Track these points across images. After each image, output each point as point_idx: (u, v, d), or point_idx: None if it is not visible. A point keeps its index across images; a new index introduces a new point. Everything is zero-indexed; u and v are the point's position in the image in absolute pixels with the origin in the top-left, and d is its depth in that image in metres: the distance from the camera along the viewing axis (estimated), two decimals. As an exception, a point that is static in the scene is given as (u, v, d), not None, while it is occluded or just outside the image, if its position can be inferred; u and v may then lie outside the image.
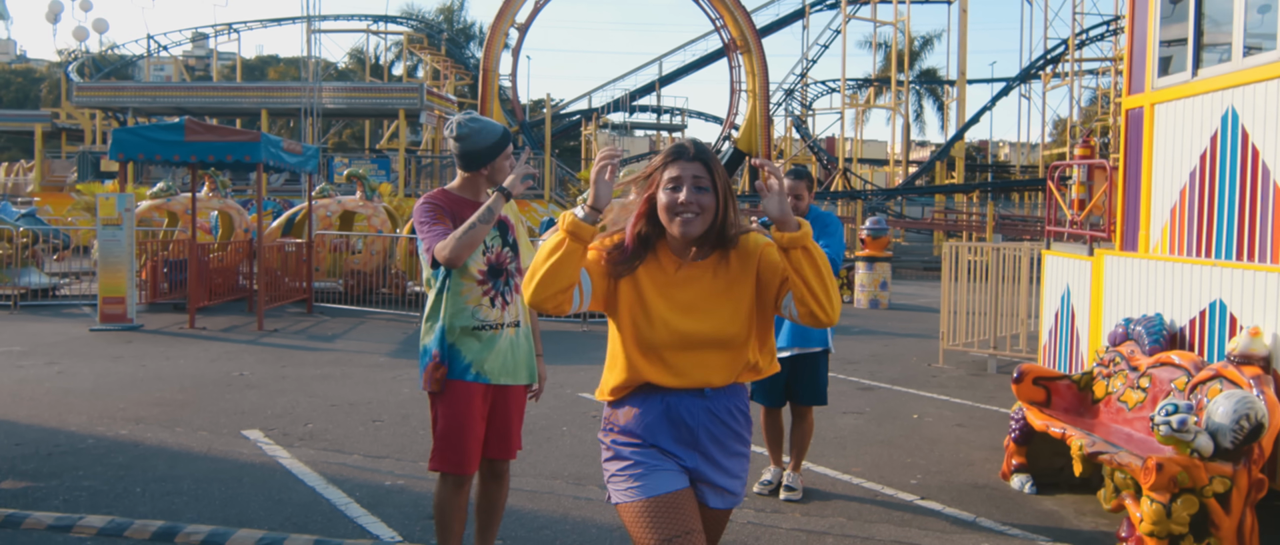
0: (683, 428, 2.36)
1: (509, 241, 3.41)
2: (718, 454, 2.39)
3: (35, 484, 4.87)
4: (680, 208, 2.27)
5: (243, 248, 14.21)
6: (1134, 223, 5.59)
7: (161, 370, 8.28)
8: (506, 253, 3.39)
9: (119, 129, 11.52)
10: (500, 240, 3.37)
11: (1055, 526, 4.58)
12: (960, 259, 9.50)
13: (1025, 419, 5.21)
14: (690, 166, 2.29)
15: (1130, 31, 5.73)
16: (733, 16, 29.49)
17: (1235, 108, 4.69)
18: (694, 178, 2.28)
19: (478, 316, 3.30)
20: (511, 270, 3.40)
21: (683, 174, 2.28)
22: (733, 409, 2.42)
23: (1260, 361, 4.27)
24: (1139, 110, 5.56)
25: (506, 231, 3.41)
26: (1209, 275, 4.76)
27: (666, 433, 2.37)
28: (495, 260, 3.34)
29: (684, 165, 2.29)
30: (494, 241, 3.35)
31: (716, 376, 2.36)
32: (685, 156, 2.30)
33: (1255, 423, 3.95)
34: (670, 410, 2.36)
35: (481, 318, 3.30)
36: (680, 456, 2.37)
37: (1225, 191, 4.76)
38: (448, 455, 3.27)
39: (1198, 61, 5.10)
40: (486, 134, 3.31)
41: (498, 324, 3.32)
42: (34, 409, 6.62)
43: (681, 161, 2.30)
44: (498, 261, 3.35)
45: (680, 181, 2.28)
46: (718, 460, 2.40)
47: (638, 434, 2.38)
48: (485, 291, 3.32)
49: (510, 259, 3.40)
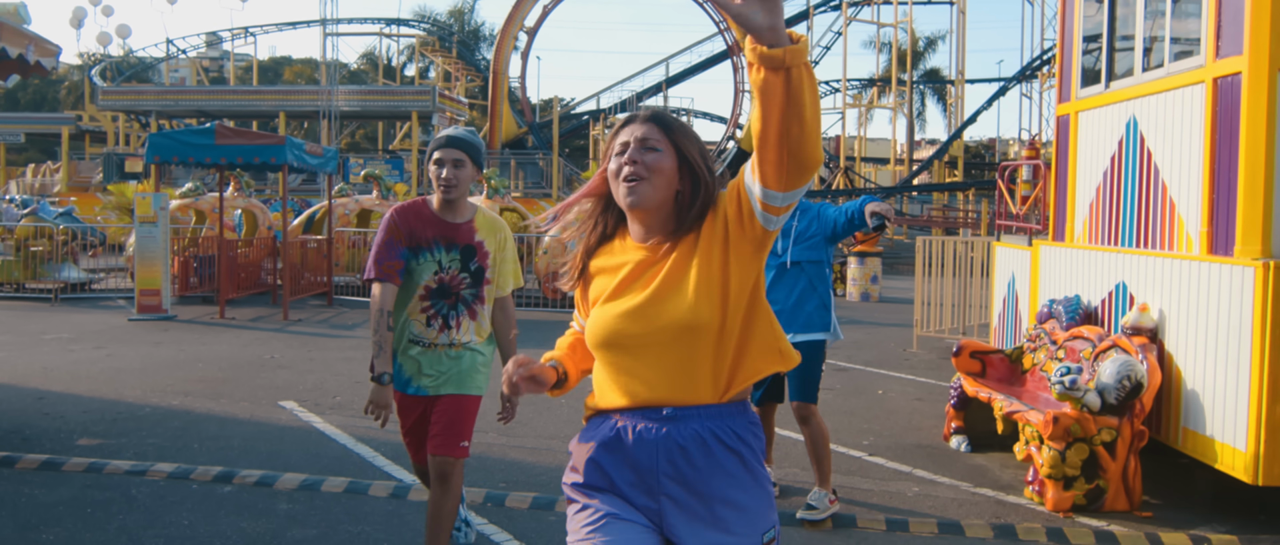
0: (638, 467, 1.85)
1: (471, 268, 3.34)
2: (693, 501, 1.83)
3: (107, 441, 5.69)
4: (625, 172, 1.87)
5: (267, 244, 15.06)
6: (1063, 216, 6.35)
7: (199, 354, 9.11)
8: (463, 278, 3.33)
9: (154, 134, 12.38)
10: (458, 264, 3.32)
11: (979, 476, 5.35)
12: (932, 252, 10.25)
13: (962, 387, 5.98)
14: (640, 127, 1.91)
15: (1060, 46, 6.48)
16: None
17: (1136, 117, 5.44)
18: (640, 139, 1.88)
19: (411, 330, 3.32)
20: (467, 297, 3.35)
21: (630, 137, 1.90)
22: (709, 435, 1.83)
23: (1148, 332, 5.02)
24: (1066, 117, 6.31)
25: (472, 257, 3.34)
26: (1115, 261, 5.51)
27: (623, 468, 1.87)
28: (446, 282, 3.31)
29: (633, 128, 1.92)
30: (450, 264, 3.31)
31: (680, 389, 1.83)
32: (635, 120, 1.94)
33: (1135, 382, 4.72)
34: (621, 440, 1.87)
35: (416, 333, 3.31)
36: (636, 498, 1.87)
37: (1128, 189, 5.51)
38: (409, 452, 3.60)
39: (1112, 74, 5.85)
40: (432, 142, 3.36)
41: (431, 343, 3.31)
42: (92, 385, 7.45)
43: (631, 125, 1.93)
44: (449, 284, 3.32)
45: (628, 144, 1.90)
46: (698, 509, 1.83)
47: (587, 472, 1.91)
48: (424, 308, 3.31)
49: (465, 284, 3.33)
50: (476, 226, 3.35)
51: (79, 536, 4.10)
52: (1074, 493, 4.71)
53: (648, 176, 1.86)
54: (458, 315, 3.32)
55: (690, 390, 1.82)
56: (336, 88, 27.52)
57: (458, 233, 3.30)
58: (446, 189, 3.25)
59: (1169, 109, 5.10)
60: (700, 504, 1.81)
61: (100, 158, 29.98)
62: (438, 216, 3.30)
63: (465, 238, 3.31)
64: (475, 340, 3.36)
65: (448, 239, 3.29)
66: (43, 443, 5.60)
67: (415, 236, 3.26)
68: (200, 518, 4.36)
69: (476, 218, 3.37)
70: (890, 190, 29.54)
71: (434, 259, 3.28)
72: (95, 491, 4.71)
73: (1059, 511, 4.69)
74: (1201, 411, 4.63)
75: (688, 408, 1.81)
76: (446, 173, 3.23)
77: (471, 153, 3.28)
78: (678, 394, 1.82)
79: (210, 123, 11.54)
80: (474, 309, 3.35)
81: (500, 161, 27.58)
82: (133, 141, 33.71)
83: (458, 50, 41.61)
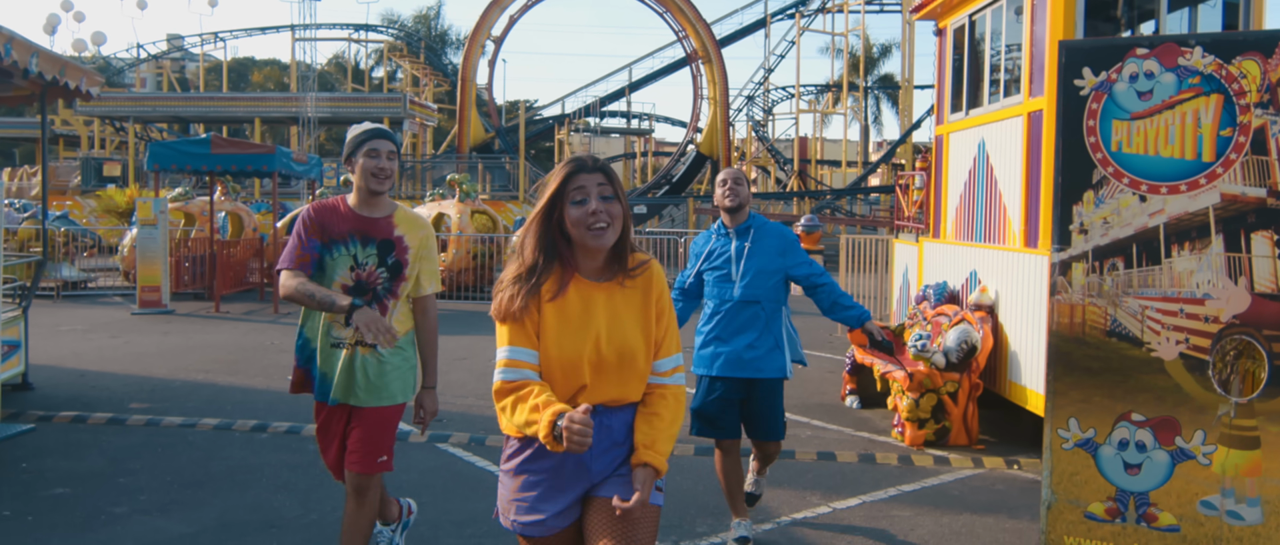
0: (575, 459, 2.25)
1: (388, 262, 3.26)
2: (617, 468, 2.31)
3: (154, 405, 6.90)
4: (592, 218, 2.19)
5: (252, 245, 16.18)
6: (939, 218, 7.77)
7: (206, 341, 10.29)
8: (380, 274, 3.25)
9: (155, 142, 13.52)
10: (375, 259, 3.24)
11: (861, 424, 6.73)
12: (852, 250, 11.69)
13: (855, 356, 7.37)
14: (592, 177, 2.21)
15: (938, 80, 7.90)
16: (695, 29, 31.67)
17: (985, 139, 6.86)
18: (598, 187, 2.21)
19: (331, 332, 3.24)
20: (381, 293, 3.26)
21: (587, 184, 2.20)
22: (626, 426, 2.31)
23: (987, 308, 6.44)
24: (941, 137, 7.73)
25: (390, 252, 3.26)
26: (969, 253, 6.93)
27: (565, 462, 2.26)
28: (363, 278, 3.24)
29: (586, 177, 2.21)
30: (367, 259, 3.22)
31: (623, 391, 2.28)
32: (585, 168, 2.23)
33: (971, 346, 6.13)
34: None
35: (335, 334, 3.23)
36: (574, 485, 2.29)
37: (980, 196, 6.93)
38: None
39: (974, 103, 7.27)
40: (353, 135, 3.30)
41: (350, 342, 3.22)
42: (122, 365, 8.63)
43: (583, 173, 2.21)
44: (366, 281, 3.24)
45: (586, 192, 2.19)
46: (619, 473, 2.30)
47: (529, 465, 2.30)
48: None
49: (382, 281, 3.25)
50: (396, 222, 3.29)
51: (157, 466, 5.34)
52: (926, 431, 6.11)
53: (611, 222, 2.22)
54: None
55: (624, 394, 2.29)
56: (312, 94, 28.51)
57: (375, 227, 3.24)
58: (380, 179, 3.22)
59: (1003, 134, 6.52)
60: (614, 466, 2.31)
61: (76, 162, 30.70)
62: (354, 212, 3.25)
63: (383, 232, 3.25)
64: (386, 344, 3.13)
65: (363, 233, 3.23)
66: (102, 406, 6.81)
67: (328, 231, 3.20)
68: (247, 454, 5.62)
69: (396, 214, 3.32)
70: (840, 192, 31.12)
71: (349, 254, 3.21)
72: (159, 438, 5.95)
73: (914, 446, 6.09)
74: (1019, 367, 6.05)
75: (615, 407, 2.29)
76: (383, 163, 3.21)
77: (399, 147, 3.55)
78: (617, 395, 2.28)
79: (206, 131, 12.63)
80: (385, 304, 3.27)
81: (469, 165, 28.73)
82: (108, 146, 34.42)
83: (425, 55, 42.65)
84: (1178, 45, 3.81)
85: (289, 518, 4.50)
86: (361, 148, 3.22)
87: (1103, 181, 3.88)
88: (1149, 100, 3.83)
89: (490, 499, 4.10)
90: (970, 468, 5.65)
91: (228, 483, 5.04)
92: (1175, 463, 3.73)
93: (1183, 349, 3.73)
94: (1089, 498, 3.84)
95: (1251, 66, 3.70)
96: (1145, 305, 3.80)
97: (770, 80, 39.45)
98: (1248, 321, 3.65)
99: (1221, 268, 3.70)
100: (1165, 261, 3.78)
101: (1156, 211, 3.80)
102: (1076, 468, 3.87)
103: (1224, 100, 3.72)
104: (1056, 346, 3.95)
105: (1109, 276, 3.86)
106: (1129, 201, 3.85)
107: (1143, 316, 3.80)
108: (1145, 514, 3.77)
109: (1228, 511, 3.65)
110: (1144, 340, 3.79)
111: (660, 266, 2.35)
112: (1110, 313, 3.85)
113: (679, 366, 2.38)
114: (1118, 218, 3.87)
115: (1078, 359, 3.89)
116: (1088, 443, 3.86)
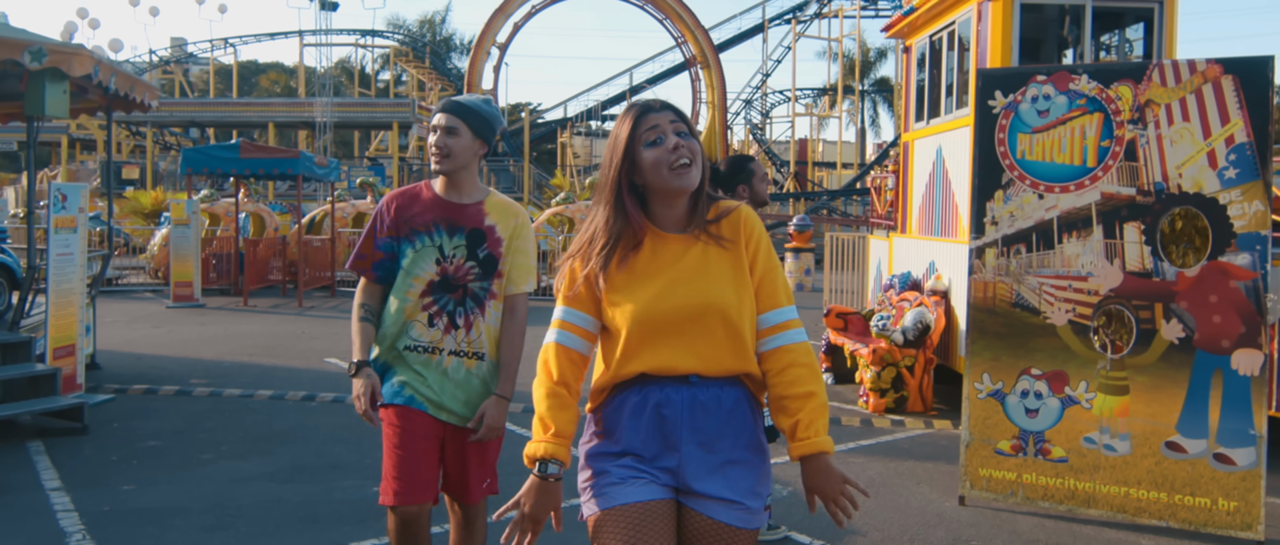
0: (661, 423, 1.99)
1: (479, 256, 2.83)
2: (706, 455, 2.00)
3: (212, 380, 7.85)
4: (673, 155, 1.98)
5: (274, 244, 17.13)
6: (906, 216, 8.71)
7: (242, 330, 11.24)
8: (470, 268, 2.82)
9: (188, 148, 14.53)
10: (464, 250, 2.83)
11: (833, 396, 7.67)
12: (837, 246, 12.63)
13: (829, 338, 8.31)
14: (663, 115, 2.02)
15: (904, 93, 8.84)
16: (693, 35, 32.64)
17: (941, 146, 7.80)
18: (672, 124, 2.01)
19: (410, 334, 2.80)
20: (477, 290, 2.83)
21: (660, 122, 2.01)
22: (725, 401, 2.01)
23: (941, 293, 7.37)
24: (908, 143, 8.67)
25: (480, 244, 2.84)
26: (929, 246, 7.86)
27: (642, 432, 2.00)
28: (450, 272, 2.82)
29: (656, 115, 2.02)
30: (454, 251, 2.82)
31: (704, 361, 1.99)
32: (653, 109, 2.04)
33: (925, 325, 7.07)
34: (646, 404, 2.00)
35: (415, 336, 2.80)
36: (659, 460, 2.01)
37: (938, 196, 7.87)
38: (384, 485, 2.79)
39: (933, 113, 8.20)
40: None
41: (434, 347, 2.79)
42: (173, 350, 9.58)
43: (652, 113, 2.02)
44: (453, 276, 2.82)
45: (661, 130, 2.00)
46: (707, 463, 2.00)
47: (610, 438, 2.04)
48: (425, 307, 2.81)
49: (474, 276, 2.82)
50: (487, 209, 2.87)
51: (227, 426, 6.28)
52: (886, 400, 7.05)
53: (694, 159, 1.99)
54: (467, 313, 2.82)
55: (711, 364, 1.98)
56: (327, 99, 29.50)
57: (462, 215, 2.84)
58: (438, 157, 2.79)
59: (955, 141, 7.46)
60: (712, 457, 1.99)
61: (95, 165, 31.67)
62: (438, 198, 2.85)
63: (472, 221, 2.84)
64: (488, 349, 2.84)
65: (450, 221, 2.83)
66: (167, 381, 7.76)
67: (408, 222, 2.82)
68: (302, 417, 6.56)
69: (487, 200, 2.89)
70: (835, 193, 32.06)
71: (434, 245, 2.80)
72: (223, 405, 6.90)
73: (876, 412, 7.02)
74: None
75: (707, 378, 1.98)
76: (436, 140, 2.79)
77: (470, 119, 2.80)
78: (701, 365, 1.97)
79: (217, 135, 13.55)
80: (485, 306, 2.84)
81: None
82: (124, 150, 35.41)
83: (431, 60, 43.66)
84: (1068, 73, 4.75)
85: (348, 462, 5.43)
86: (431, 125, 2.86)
87: (1010, 182, 4.82)
88: (1046, 117, 4.77)
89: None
90: (922, 429, 6.59)
91: (290, 438, 5.98)
92: (1064, 408, 4.66)
93: (1071, 316, 4.66)
94: (998, 437, 4.78)
95: (1125, 91, 4.63)
96: (1042, 282, 4.74)
97: (768, 84, 40.48)
98: (1120, 294, 4.58)
99: (1101, 252, 4.63)
100: (1057, 246, 4.71)
101: (1052, 207, 4.73)
102: (988, 413, 4.80)
103: (1104, 118, 4.66)
104: (973, 316, 4.89)
105: (1014, 259, 4.80)
106: (1030, 199, 4.78)
107: (1040, 291, 4.74)
108: (1041, 449, 4.70)
109: (1104, 445, 4.58)
110: (1041, 310, 4.72)
111: (751, 209, 2.12)
112: (1015, 288, 4.79)
113: (793, 321, 2.06)
114: (1021, 212, 4.80)
115: (989, 326, 4.83)
116: (997, 393, 4.79)
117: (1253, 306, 4.34)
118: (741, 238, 2.05)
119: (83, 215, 7.01)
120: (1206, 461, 4.39)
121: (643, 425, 2.00)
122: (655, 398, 1.99)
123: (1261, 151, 4.40)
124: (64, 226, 6.77)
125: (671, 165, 1.98)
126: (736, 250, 2.04)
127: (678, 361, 1.98)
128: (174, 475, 5.14)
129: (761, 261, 2.06)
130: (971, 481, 4.83)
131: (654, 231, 2.05)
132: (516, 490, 2.03)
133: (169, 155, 34.86)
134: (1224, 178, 4.43)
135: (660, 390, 1.99)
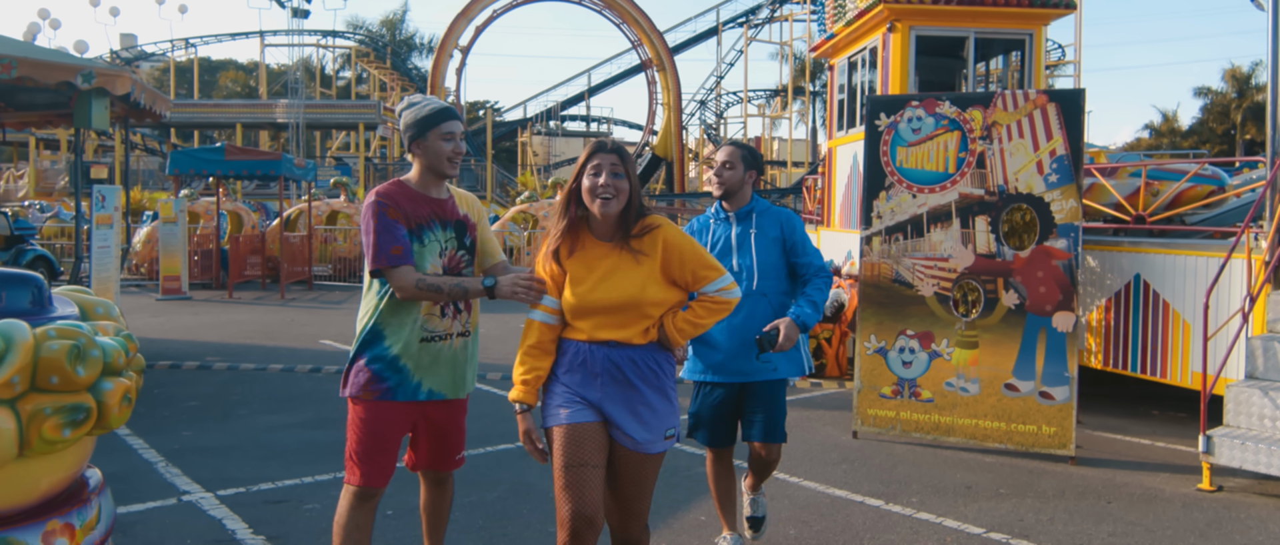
0: (588, 370, 2.76)
1: (466, 244, 3.11)
2: (623, 398, 2.77)
3: (225, 357, 8.95)
4: (600, 189, 2.70)
5: (253, 241, 18.11)
6: (830, 212, 10.05)
7: (235, 318, 12.28)
8: (462, 257, 3.11)
9: (176, 150, 15.45)
10: (456, 242, 3.08)
11: (766, 366, 8.97)
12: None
13: (764, 318, 9.63)
14: (608, 157, 2.74)
15: (830, 106, 10.17)
16: (649, 38, 33.93)
17: (857, 152, 9.14)
18: (611, 165, 2.72)
19: (427, 327, 3.01)
20: (468, 276, 3.12)
21: (602, 162, 2.73)
22: (637, 361, 2.77)
23: (852, 277, 8.71)
24: (832, 149, 10.02)
25: (464, 233, 3.11)
26: (846, 238, 9.21)
27: (576, 373, 2.78)
28: (449, 264, 3.07)
29: (603, 156, 2.74)
30: (448, 243, 3.06)
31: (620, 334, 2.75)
32: (604, 149, 2.76)
33: (839, 303, 8.41)
34: (578, 355, 2.77)
35: (431, 328, 3.01)
36: (585, 392, 2.77)
37: (854, 195, 9.21)
38: (364, 469, 2.98)
39: (851, 123, 9.54)
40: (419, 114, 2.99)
41: (447, 334, 3.04)
42: (178, 336, 10.63)
43: (601, 153, 2.74)
44: (452, 266, 3.08)
45: (600, 168, 2.72)
46: (625, 404, 2.77)
47: (556, 377, 2.83)
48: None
49: (465, 263, 3.12)
50: (458, 202, 3.14)
51: (252, 390, 7.41)
52: (808, 367, 8.37)
53: (616, 194, 2.72)
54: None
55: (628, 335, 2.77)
56: (299, 101, 30.32)
57: (446, 209, 3.08)
58: (456, 163, 3.05)
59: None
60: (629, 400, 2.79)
61: (61, 166, 32.14)
62: (424, 194, 3.04)
63: (454, 214, 3.09)
64: (472, 325, 3.15)
65: (441, 217, 3.05)
66: (186, 358, 8.84)
67: (412, 218, 2.97)
68: (314, 384, 7.71)
69: (455, 194, 3.16)
70: (784, 190, 33.59)
71: (436, 239, 3.02)
72: (241, 376, 8.03)
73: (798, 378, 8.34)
74: (875, 319, 8.32)
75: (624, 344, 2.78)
76: (461, 146, 3.06)
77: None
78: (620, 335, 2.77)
79: (180, 135, 14.52)
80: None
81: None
82: (89, 149, 35.77)
83: (392, 60, 44.44)
84: (935, 100, 6.08)
85: (362, 415, 6.61)
86: (434, 128, 2.98)
87: (891, 185, 6.14)
88: (919, 134, 6.10)
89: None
90: (835, 389, 7.92)
91: (310, 398, 7.14)
92: (931, 360, 6.00)
93: (936, 289, 6.00)
94: (881, 384, 6.10)
95: (977, 114, 5.97)
96: (914, 263, 6.07)
97: (722, 85, 41.89)
98: (972, 271, 5.93)
99: (959, 239, 5.97)
100: (926, 235, 6.05)
101: (923, 204, 6.06)
102: (874, 366, 6.12)
103: (961, 135, 6.00)
104: (862, 290, 6.21)
105: (893, 245, 6.13)
106: (906, 198, 6.11)
107: (913, 270, 6.07)
108: (914, 392, 6.03)
109: (960, 387, 5.93)
110: (913, 284, 6.05)
111: (670, 222, 2.86)
112: (894, 268, 6.11)
113: (728, 285, 2.83)
114: (900, 208, 6.13)
115: (875, 297, 6.15)
116: (881, 350, 6.12)
117: (1068, 279, 5.71)
118: (654, 251, 2.77)
119: (118, 214, 8.09)
120: (1034, 398, 5.75)
121: (576, 369, 2.81)
122: (585, 353, 2.78)
123: (1075, 162, 5.76)
124: (103, 224, 7.84)
125: (597, 195, 2.72)
126: (650, 260, 2.77)
127: (600, 333, 2.77)
128: (221, 425, 6.29)
129: (675, 261, 2.78)
130: (862, 420, 6.15)
131: (592, 239, 2.82)
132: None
133: (134, 154, 35.36)
134: (1048, 182, 5.79)
135: (589, 348, 2.78)
